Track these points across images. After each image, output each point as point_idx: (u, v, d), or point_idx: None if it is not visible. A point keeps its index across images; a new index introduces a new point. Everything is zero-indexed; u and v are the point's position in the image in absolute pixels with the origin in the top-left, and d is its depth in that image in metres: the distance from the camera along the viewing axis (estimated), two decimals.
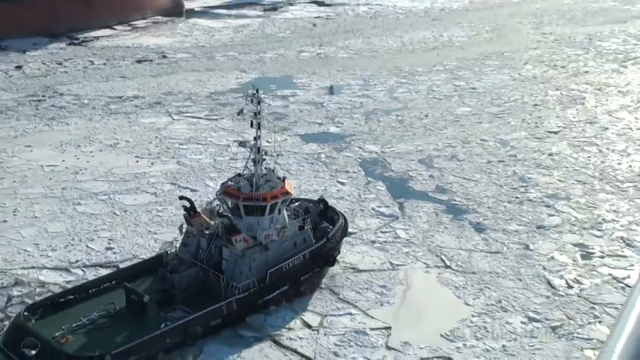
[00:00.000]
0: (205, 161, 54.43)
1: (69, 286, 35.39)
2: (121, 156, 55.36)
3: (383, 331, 32.95)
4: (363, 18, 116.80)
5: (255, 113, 35.12)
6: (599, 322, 33.42)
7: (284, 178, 37.00)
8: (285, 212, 36.16)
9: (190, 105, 68.75)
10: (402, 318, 34.04)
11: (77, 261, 38.81)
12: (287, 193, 36.02)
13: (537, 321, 33.75)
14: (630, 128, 62.75)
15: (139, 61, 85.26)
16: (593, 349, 31.55)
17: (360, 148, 57.23)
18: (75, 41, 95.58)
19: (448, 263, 39.29)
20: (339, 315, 34.14)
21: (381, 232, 43.08)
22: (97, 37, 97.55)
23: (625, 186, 49.74)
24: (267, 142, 57.86)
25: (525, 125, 63.45)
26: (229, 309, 32.64)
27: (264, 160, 35.83)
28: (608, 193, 48.61)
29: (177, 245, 36.19)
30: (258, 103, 35.30)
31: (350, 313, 34.27)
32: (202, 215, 35.44)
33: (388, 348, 31.64)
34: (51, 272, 37.63)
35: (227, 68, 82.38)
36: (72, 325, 31.00)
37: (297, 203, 38.78)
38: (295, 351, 31.21)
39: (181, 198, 36.83)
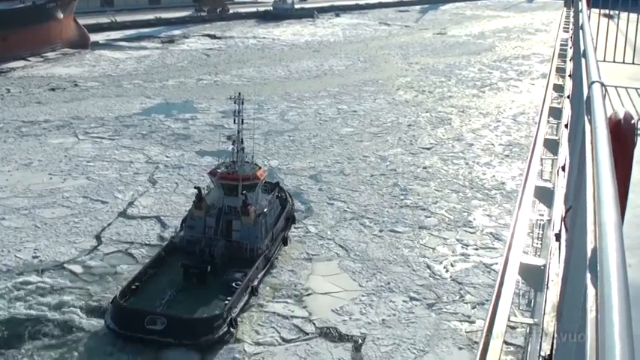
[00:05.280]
0: (112, 176, 53.89)
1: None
2: (36, 174, 54.05)
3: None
4: (252, 50, 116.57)
5: (237, 112, 40.48)
6: (463, 300, 36.45)
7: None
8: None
9: (96, 127, 67.42)
10: (302, 298, 36.47)
11: (8, 270, 38.15)
12: (264, 172, 42.73)
13: (416, 300, 36.32)
14: (492, 144, 65.02)
15: (53, 89, 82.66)
16: (457, 321, 34.60)
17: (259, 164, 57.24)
18: None
19: (349, 253, 41.51)
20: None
21: (294, 227, 44.51)
22: (14, 68, 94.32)
23: (492, 193, 51.61)
24: (166, 156, 58.17)
25: (402, 143, 64.71)
26: (263, 265, 37.61)
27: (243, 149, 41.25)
28: (480, 200, 50.33)
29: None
30: (242, 102, 40.74)
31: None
32: (205, 200, 39.22)
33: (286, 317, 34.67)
34: None
35: (133, 95, 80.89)
36: (162, 302, 33.50)
37: None
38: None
39: (195, 187, 41.27)
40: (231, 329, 32.65)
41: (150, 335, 31.38)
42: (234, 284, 34.78)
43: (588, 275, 3.43)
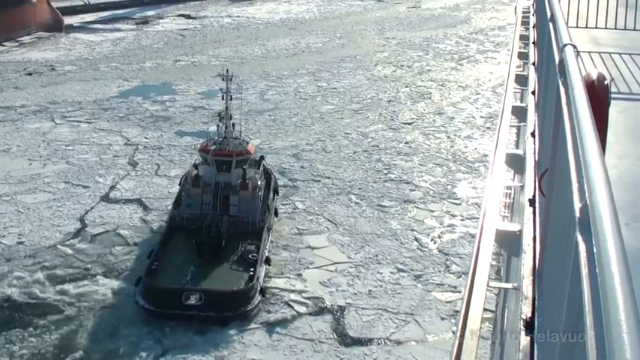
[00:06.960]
0: (91, 160, 54.26)
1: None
2: (15, 160, 54.36)
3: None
4: (227, 29, 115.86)
5: (226, 88, 42.89)
6: (449, 271, 37.71)
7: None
8: None
9: (74, 110, 67.35)
10: (292, 270, 37.79)
11: None
12: (253, 147, 44.52)
13: (403, 271, 37.59)
14: (473, 117, 65.72)
15: (30, 74, 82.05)
16: (442, 292, 35.80)
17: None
18: None
19: (338, 227, 42.66)
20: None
21: (282, 204, 45.55)
22: None
23: (476, 165, 52.58)
24: (145, 138, 58.41)
25: (382, 118, 65.26)
26: (267, 236, 38.82)
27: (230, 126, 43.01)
28: (463, 172, 51.34)
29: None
30: (230, 80, 43.22)
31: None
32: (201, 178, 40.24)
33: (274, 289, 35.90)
34: None
35: (111, 77, 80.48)
36: (187, 278, 34.76)
37: None
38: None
39: (194, 165, 42.95)
40: (263, 298, 34.34)
41: (189, 311, 32.34)
42: (250, 256, 36.34)
43: (578, 233, 3.48)
